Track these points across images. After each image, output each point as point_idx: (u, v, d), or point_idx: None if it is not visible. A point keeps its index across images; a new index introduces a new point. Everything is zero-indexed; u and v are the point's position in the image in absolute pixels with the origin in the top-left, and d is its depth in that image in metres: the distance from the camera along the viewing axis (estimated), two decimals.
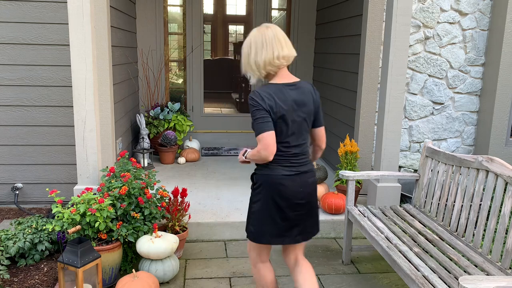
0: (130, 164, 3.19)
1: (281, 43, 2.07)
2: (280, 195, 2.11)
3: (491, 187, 2.49)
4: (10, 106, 3.85)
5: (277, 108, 2.03)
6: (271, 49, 2.06)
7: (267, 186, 2.12)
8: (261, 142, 2.02)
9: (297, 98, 2.09)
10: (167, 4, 5.91)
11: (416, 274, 2.25)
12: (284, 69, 2.13)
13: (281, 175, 2.11)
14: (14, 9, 3.71)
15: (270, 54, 2.06)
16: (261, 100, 2.02)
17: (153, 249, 2.79)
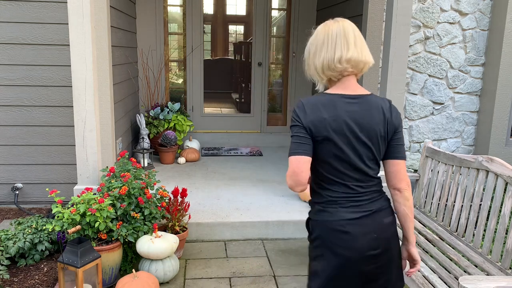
0: (130, 164, 3.19)
1: (348, 42, 1.60)
2: (347, 247, 1.59)
3: (491, 187, 2.49)
4: (10, 106, 3.85)
5: (322, 125, 1.56)
6: (332, 48, 1.60)
7: (327, 236, 1.62)
8: (289, 167, 1.58)
9: (356, 115, 1.59)
10: (167, 4, 5.90)
11: (416, 274, 2.25)
12: (350, 77, 1.64)
13: (344, 220, 1.60)
14: (14, 9, 3.71)
15: (330, 55, 1.60)
16: (302, 113, 1.59)
17: (153, 249, 2.78)
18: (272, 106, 6.46)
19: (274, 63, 6.39)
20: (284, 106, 6.43)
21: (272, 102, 6.46)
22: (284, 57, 6.32)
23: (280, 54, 6.38)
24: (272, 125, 6.46)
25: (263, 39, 6.16)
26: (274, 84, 6.43)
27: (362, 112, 1.60)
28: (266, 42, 6.17)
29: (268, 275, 3.05)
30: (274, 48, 6.36)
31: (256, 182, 4.61)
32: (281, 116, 6.48)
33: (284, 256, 3.33)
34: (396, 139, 1.66)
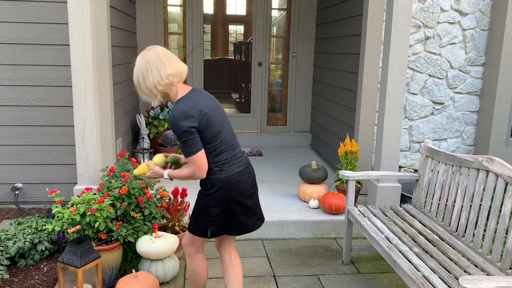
0: (130, 164, 3.19)
1: (164, 62, 2.09)
2: (239, 192, 2.19)
3: (491, 187, 2.49)
4: (10, 106, 3.85)
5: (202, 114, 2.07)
6: (156, 71, 2.07)
7: (226, 187, 2.16)
8: (198, 162, 2.08)
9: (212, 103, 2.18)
10: (167, 4, 5.91)
11: (416, 274, 2.25)
12: (179, 84, 2.16)
13: (236, 173, 2.18)
14: (14, 9, 3.71)
15: (157, 76, 2.07)
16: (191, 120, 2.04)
17: (153, 249, 2.78)
18: (272, 106, 6.46)
19: (274, 63, 6.39)
20: (284, 106, 6.43)
21: (272, 102, 6.46)
22: (284, 57, 6.32)
23: (280, 54, 6.38)
24: (272, 125, 6.46)
25: (263, 39, 6.16)
26: (274, 84, 6.43)
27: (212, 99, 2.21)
28: (266, 42, 6.17)
29: (268, 275, 3.05)
30: (274, 48, 6.36)
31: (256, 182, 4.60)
32: (281, 116, 6.48)
33: (284, 256, 3.33)
34: None
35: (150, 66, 2.08)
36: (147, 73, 2.08)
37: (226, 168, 2.17)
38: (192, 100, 2.11)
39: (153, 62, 2.08)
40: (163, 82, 2.08)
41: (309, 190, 3.95)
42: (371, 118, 4.17)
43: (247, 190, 2.24)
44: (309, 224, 3.64)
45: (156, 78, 2.07)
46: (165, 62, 2.08)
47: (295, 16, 6.11)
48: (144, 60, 2.10)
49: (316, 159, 5.61)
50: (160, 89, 2.09)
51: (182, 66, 2.15)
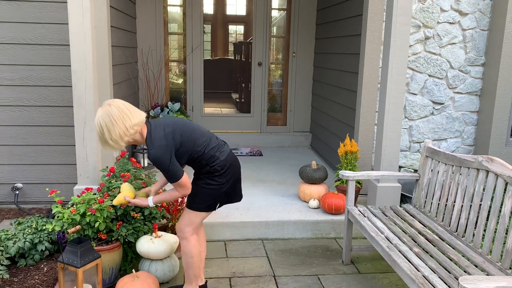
0: (130, 164, 3.19)
1: (128, 115, 2.24)
2: (239, 165, 2.58)
3: (491, 187, 2.49)
4: (10, 106, 3.85)
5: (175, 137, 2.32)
6: (121, 123, 2.22)
7: (232, 162, 2.50)
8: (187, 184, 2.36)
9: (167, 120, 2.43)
10: (167, 4, 5.91)
11: (416, 274, 2.25)
12: None
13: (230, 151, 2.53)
14: (14, 9, 3.71)
15: (122, 128, 2.22)
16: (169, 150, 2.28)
17: (153, 249, 2.78)
18: (272, 106, 6.46)
19: (274, 63, 6.39)
20: (284, 106, 6.43)
21: (272, 102, 6.46)
22: (284, 57, 6.32)
23: (280, 54, 6.38)
24: (272, 125, 6.46)
25: (263, 39, 6.16)
26: (274, 84, 6.43)
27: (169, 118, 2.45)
28: (266, 42, 6.17)
29: (268, 275, 3.05)
30: (274, 48, 6.36)
31: (256, 182, 4.61)
32: (281, 116, 6.48)
33: (284, 256, 3.33)
34: None
35: (114, 119, 2.21)
36: (112, 127, 2.21)
37: (222, 149, 2.48)
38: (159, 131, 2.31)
39: (117, 115, 2.22)
40: (129, 132, 2.24)
41: (309, 190, 3.96)
42: (371, 118, 4.17)
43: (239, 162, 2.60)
44: (309, 224, 3.64)
45: (122, 130, 2.22)
46: (129, 115, 2.25)
47: (295, 16, 6.11)
48: (107, 115, 2.22)
49: (316, 159, 5.61)
50: (126, 139, 2.26)
51: (142, 113, 2.33)
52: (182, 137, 2.35)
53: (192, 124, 2.47)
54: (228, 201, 2.59)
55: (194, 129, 2.43)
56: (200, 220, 2.56)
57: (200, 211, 2.52)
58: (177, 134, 2.33)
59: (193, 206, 2.51)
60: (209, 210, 2.53)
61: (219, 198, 2.51)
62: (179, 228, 2.54)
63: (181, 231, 2.53)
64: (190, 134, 2.38)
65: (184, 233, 2.52)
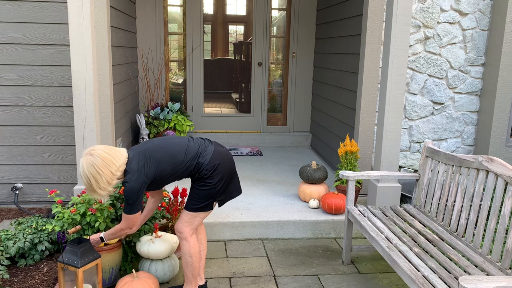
0: None
1: (111, 160, 2.27)
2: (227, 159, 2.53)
3: (491, 187, 2.49)
4: (10, 106, 3.85)
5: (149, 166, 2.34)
6: (107, 171, 2.24)
7: (220, 159, 2.47)
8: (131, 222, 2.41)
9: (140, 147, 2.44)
10: (167, 4, 5.91)
11: (416, 274, 2.25)
12: None
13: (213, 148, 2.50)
14: (14, 9, 3.71)
15: (109, 175, 2.25)
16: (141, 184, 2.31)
17: (153, 249, 2.79)
18: (272, 106, 6.46)
19: (274, 63, 6.39)
20: (284, 106, 6.43)
21: (272, 102, 6.46)
22: (284, 57, 6.32)
23: (280, 54, 6.38)
24: (272, 125, 6.46)
25: (263, 39, 6.16)
26: (274, 84, 6.43)
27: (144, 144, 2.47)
28: (266, 42, 6.17)
29: (268, 275, 3.05)
30: (274, 48, 6.36)
31: (256, 182, 4.61)
32: (281, 116, 6.48)
33: (284, 256, 3.33)
34: None
35: (100, 168, 2.23)
36: (98, 176, 2.23)
37: (204, 153, 2.46)
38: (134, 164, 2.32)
39: (101, 164, 2.24)
40: (115, 176, 2.27)
41: (309, 190, 3.96)
42: (371, 118, 4.17)
43: (230, 156, 2.56)
44: (309, 224, 3.64)
45: (108, 177, 2.25)
46: (112, 159, 2.27)
47: (295, 16, 6.11)
48: (91, 165, 2.23)
49: (316, 159, 5.61)
50: (114, 183, 2.29)
51: (123, 152, 2.36)
52: (158, 166, 2.36)
53: (167, 143, 2.45)
54: (227, 197, 2.58)
55: (170, 150, 2.42)
56: (199, 220, 2.55)
57: (197, 211, 2.52)
58: (151, 164, 2.35)
59: (190, 207, 2.51)
60: (206, 210, 2.53)
61: (215, 197, 2.51)
62: (177, 229, 2.54)
63: (180, 231, 2.54)
64: (166, 158, 2.39)
65: (183, 234, 2.53)
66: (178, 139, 2.51)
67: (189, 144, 2.49)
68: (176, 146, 2.45)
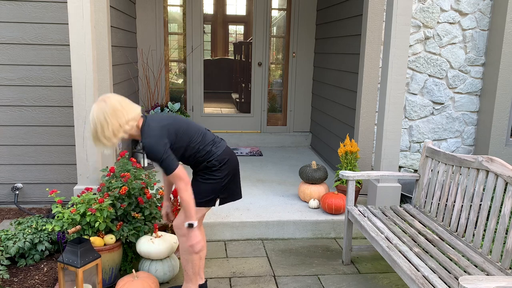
0: (130, 164, 3.19)
1: (122, 111, 2.21)
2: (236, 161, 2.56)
3: (491, 187, 2.49)
4: (10, 106, 3.85)
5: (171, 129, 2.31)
6: (115, 121, 2.19)
7: (230, 157, 2.49)
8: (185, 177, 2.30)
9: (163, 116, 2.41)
10: (167, 4, 5.91)
11: (416, 274, 2.25)
12: None
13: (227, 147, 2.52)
14: (14, 9, 3.71)
15: (116, 125, 2.20)
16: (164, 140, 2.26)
17: (153, 249, 2.79)
18: (272, 106, 6.46)
19: (274, 63, 6.39)
20: (284, 106, 6.43)
21: (272, 102, 6.46)
22: (284, 57, 6.32)
23: (280, 54, 6.38)
24: (272, 125, 6.46)
25: (263, 39, 6.16)
26: (274, 84, 6.43)
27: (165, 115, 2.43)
28: (266, 42, 6.17)
29: (268, 275, 3.05)
30: (274, 48, 6.36)
31: (256, 182, 4.61)
32: (281, 116, 6.48)
33: (284, 256, 3.33)
34: None
35: (108, 116, 2.18)
36: (106, 124, 2.18)
37: (218, 145, 2.48)
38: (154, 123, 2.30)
39: (111, 113, 2.19)
40: (123, 129, 2.22)
41: (309, 190, 3.96)
42: (371, 118, 4.17)
43: (237, 158, 2.59)
44: (309, 224, 3.64)
45: (115, 127, 2.20)
46: (123, 111, 2.22)
47: (295, 16, 6.11)
48: (101, 112, 2.19)
49: (316, 159, 5.61)
50: (120, 135, 2.24)
51: (136, 107, 2.31)
52: (178, 132, 2.34)
53: (188, 121, 2.47)
54: (228, 198, 2.58)
55: (189, 125, 2.43)
56: (199, 216, 2.52)
57: (199, 206, 2.48)
58: (172, 128, 2.33)
59: None
60: (208, 205, 2.52)
61: (219, 193, 2.51)
62: (176, 225, 2.52)
63: (179, 227, 2.51)
64: (185, 130, 2.38)
65: (182, 230, 2.49)
66: (197, 124, 2.52)
67: (206, 131, 2.52)
68: (196, 126, 2.47)
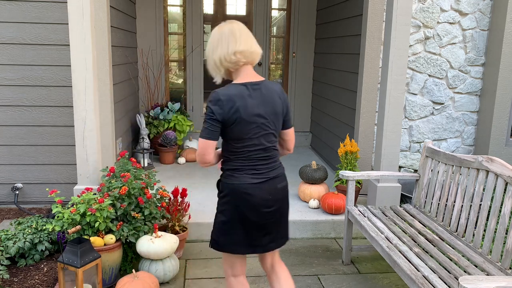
0: (130, 164, 3.19)
1: (236, 38, 1.97)
2: (247, 205, 1.99)
3: (491, 187, 2.49)
4: (10, 106, 3.85)
5: (234, 110, 1.91)
6: (226, 44, 1.96)
7: (233, 195, 1.99)
8: (198, 148, 1.98)
9: (259, 98, 1.97)
10: (167, 4, 5.90)
11: (416, 274, 2.25)
12: (247, 67, 2.02)
13: (247, 184, 1.98)
14: (14, 9, 3.71)
15: (224, 50, 1.97)
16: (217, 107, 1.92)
17: (153, 249, 2.79)
18: None
19: (274, 63, 6.39)
20: None
21: None
22: (284, 57, 6.32)
23: (280, 54, 6.38)
24: None
25: (263, 39, 6.16)
26: None
27: (265, 96, 1.99)
28: (266, 42, 6.17)
29: None
30: (274, 48, 6.36)
31: None
32: None
33: (284, 256, 3.33)
34: (288, 115, 2.12)
35: (221, 39, 1.97)
36: (217, 46, 1.98)
37: (238, 175, 2.00)
38: (236, 91, 1.94)
39: (226, 36, 1.97)
40: (229, 58, 1.96)
41: (309, 190, 3.95)
42: (371, 118, 4.17)
43: (261, 206, 2.00)
44: (309, 224, 3.64)
45: (223, 53, 1.96)
46: (237, 39, 1.96)
47: (295, 16, 6.11)
48: (218, 32, 1.99)
49: (316, 159, 5.61)
50: (225, 65, 1.99)
51: (255, 47, 2.01)
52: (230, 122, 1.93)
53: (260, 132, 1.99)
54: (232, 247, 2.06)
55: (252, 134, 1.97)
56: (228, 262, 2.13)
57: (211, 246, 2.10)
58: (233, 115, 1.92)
59: None
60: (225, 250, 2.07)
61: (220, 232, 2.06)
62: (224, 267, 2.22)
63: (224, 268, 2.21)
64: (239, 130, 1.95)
65: (224, 272, 2.20)
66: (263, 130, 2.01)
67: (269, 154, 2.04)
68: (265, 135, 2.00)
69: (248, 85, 1.98)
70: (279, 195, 2.07)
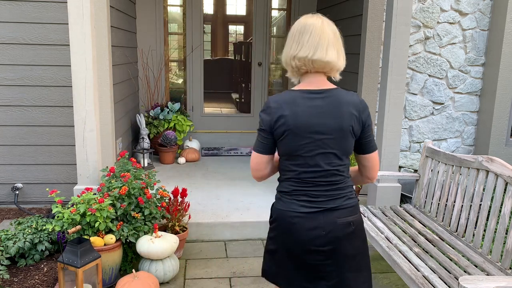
0: (130, 164, 3.19)
1: (301, 41, 1.62)
2: (291, 238, 1.64)
3: (491, 187, 2.49)
4: (10, 106, 3.85)
5: (282, 119, 1.60)
6: (289, 45, 1.67)
7: (280, 222, 1.68)
8: (251, 162, 1.72)
9: (319, 108, 1.61)
10: (167, 4, 5.90)
11: (416, 274, 2.25)
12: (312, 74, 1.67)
13: (294, 212, 1.63)
14: (14, 9, 3.71)
15: (287, 51, 1.68)
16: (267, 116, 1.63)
17: (153, 249, 2.78)
18: None
19: (274, 63, 6.39)
20: None
21: None
22: None
23: (280, 54, 6.37)
24: None
25: (263, 39, 6.16)
26: (274, 84, 6.43)
27: (325, 106, 1.62)
28: (266, 42, 6.17)
29: None
30: (274, 48, 6.36)
31: (256, 182, 4.61)
32: None
33: None
34: (364, 132, 1.70)
35: (290, 37, 1.68)
36: (286, 43, 1.71)
37: (286, 200, 1.67)
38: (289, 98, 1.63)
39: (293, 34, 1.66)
40: (289, 61, 1.67)
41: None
42: None
43: (308, 243, 1.62)
44: None
45: (285, 54, 1.69)
46: (301, 42, 1.62)
47: (295, 16, 6.11)
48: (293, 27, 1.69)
49: None
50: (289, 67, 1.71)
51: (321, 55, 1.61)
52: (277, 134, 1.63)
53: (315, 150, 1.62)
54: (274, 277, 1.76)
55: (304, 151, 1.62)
56: None
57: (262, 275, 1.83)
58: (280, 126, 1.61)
59: None
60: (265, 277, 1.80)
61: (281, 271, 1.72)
62: None
63: None
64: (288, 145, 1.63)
65: None
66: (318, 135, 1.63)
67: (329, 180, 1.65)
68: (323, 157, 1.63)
69: (306, 92, 1.64)
70: (338, 233, 1.62)
